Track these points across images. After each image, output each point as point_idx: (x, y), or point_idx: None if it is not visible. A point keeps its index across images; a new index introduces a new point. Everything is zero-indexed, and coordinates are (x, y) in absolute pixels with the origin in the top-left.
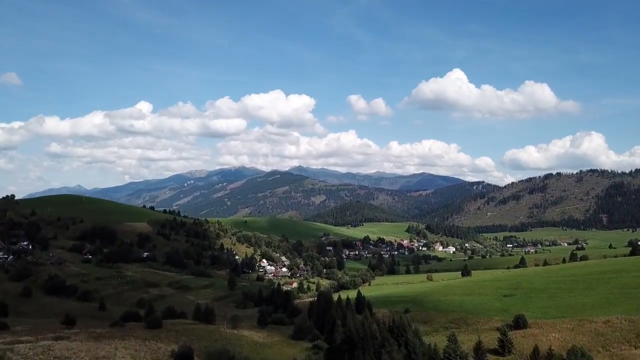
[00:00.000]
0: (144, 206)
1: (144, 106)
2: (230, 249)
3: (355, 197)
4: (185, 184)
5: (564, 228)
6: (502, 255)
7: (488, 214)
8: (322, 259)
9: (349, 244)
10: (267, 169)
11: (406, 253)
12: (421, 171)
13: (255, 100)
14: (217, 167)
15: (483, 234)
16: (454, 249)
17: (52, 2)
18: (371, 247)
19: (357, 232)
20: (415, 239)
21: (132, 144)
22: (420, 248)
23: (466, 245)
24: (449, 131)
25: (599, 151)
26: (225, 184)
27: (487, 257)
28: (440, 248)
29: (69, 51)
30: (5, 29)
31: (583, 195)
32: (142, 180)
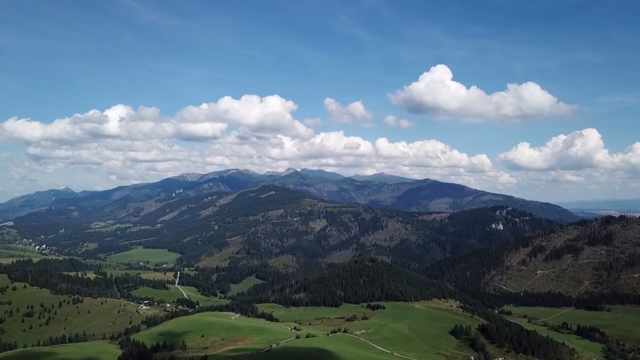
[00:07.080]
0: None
1: (125, 109)
2: None
3: (361, 224)
4: (174, 194)
5: None
6: None
7: (538, 272)
8: None
9: None
10: (260, 171)
11: None
12: (421, 176)
13: (243, 103)
14: (210, 169)
15: (539, 308)
16: None
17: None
18: None
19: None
20: None
21: (117, 146)
22: None
23: None
24: (442, 130)
25: (596, 150)
26: (215, 197)
27: None
28: None
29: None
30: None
31: None
32: (130, 184)
